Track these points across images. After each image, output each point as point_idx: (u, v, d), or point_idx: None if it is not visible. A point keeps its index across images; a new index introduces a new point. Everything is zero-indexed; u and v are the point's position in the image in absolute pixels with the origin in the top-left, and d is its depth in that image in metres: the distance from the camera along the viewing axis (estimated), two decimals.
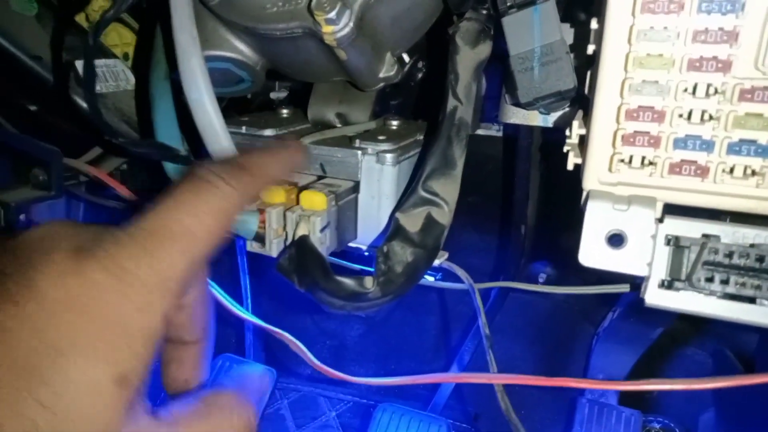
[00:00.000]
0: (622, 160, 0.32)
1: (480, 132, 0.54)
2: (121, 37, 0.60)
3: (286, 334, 0.42)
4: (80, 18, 0.57)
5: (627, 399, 0.66)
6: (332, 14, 0.36)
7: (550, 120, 0.46)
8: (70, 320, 0.21)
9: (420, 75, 0.55)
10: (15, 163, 0.50)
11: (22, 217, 0.48)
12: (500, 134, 0.53)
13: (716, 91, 0.29)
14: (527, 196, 0.54)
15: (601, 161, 0.32)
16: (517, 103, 0.42)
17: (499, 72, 0.52)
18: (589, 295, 0.52)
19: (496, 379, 0.37)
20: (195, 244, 0.24)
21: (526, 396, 0.76)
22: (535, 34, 0.39)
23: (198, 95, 0.37)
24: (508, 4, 0.39)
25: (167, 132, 0.43)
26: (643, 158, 0.32)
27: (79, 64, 0.53)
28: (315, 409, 0.85)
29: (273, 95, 0.60)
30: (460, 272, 0.42)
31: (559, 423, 0.69)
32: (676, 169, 0.31)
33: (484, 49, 0.43)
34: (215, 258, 0.27)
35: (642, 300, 0.33)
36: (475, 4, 0.43)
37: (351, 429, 0.83)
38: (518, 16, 0.39)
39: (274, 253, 0.39)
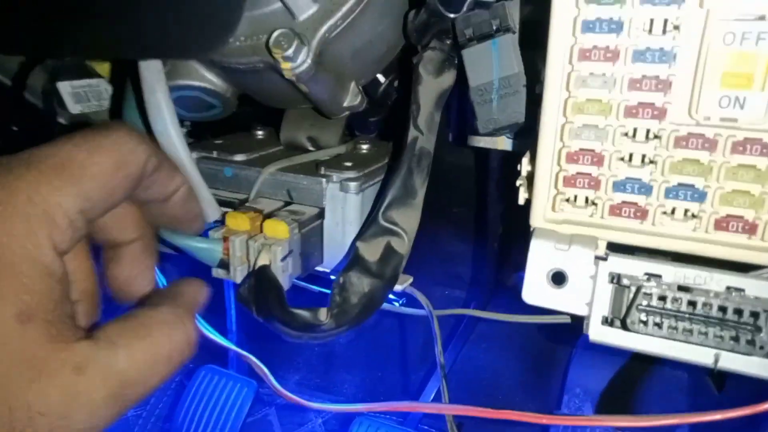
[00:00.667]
0: (566, 200, 0.33)
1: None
2: None
3: (252, 357, 0.43)
4: None
5: (604, 412, 0.67)
6: (289, 52, 0.37)
7: (517, 145, 0.46)
8: None
9: (395, 95, 0.56)
10: None
11: None
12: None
13: (654, 136, 0.30)
14: (499, 215, 0.55)
15: (546, 200, 0.33)
16: (476, 132, 0.43)
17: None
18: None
19: (446, 409, 0.38)
20: (86, 178, 0.24)
21: (508, 406, 0.76)
22: (494, 66, 0.40)
23: (163, 127, 0.39)
24: (467, 36, 0.40)
25: None
26: (586, 198, 0.32)
27: (61, 86, 0.54)
28: (302, 416, 0.87)
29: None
30: (422, 299, 0.43)
31: None
32: (616, 210, 0.32)
33: (448, 78, 0.43)
34: None
35: (586, 336, 0.33)
36: (438, 34, 0.43)
37: None
38: (478, 49, 0.40)
39: (238, 280, 0.40)
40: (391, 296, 0.46)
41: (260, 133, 0.54)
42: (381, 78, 0.50)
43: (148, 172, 0.27)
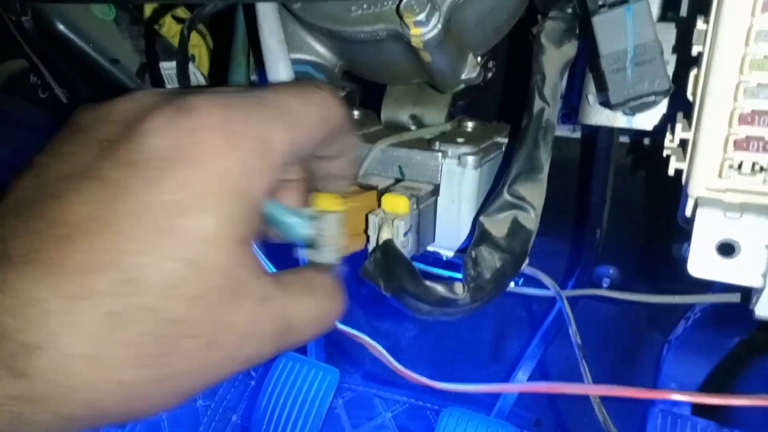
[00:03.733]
0: (732, 166, 0.31)
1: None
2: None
3: (367, 338, 0.42)
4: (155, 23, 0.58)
5: (701, 410, 0.64)
6: (421, 16, 0.36)
7: (634, 122, 0.44)
8: (186, 177, 0.22)
9: (490, 75, 0.54)
10: None
11: None
12: (577, 135, 0.52)
13: None
14: (605, 199, 0.53)
15: (710, 167, 0.31)
16: (605, 103, 0.41)
17: (573, 72, 0.51)
18: (659, 302, 0.50)
19: (593, 390, 0.36)
20: (299, 126, 0.25)
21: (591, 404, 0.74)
22: (629, 33, 0.38)
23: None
24: (600, 3, 0.38)
25: None
26: (753, 164, 0.30)
27: (163, 66, 0.54)
28: (370, 410, 0.85)
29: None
30: (546, 279, 0.41)
31: None
32: None
33: (570, 49, 0.41)
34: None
35: (751, 312, 0.31)
36: (561, 3, 0.41)
37: (407, 430, 0.82)
38: (610, 15, 0.38)
39: (328, 260, 0.36)
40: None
41: (356, 112, 0.53)
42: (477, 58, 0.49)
43: (342, 130, 0.29)
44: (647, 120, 0.43)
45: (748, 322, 0.64)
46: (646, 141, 0.54)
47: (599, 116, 0.45)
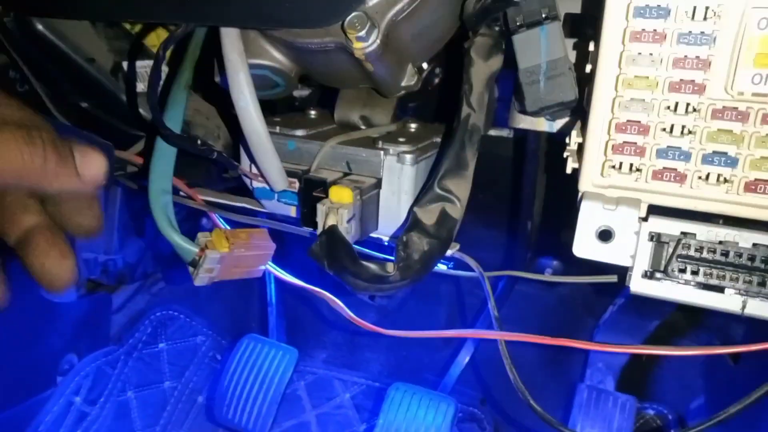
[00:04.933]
0: (613, 167, 0.37)
1: (492, 133, 0.59)
2: (159, 39, 0.66)
3: (326, 293, 0.47)
4: (128, 24, 0.63)
5: (624, 386, 0.71)
6: (362, 32, 0.41)
7: (555, 126, 0.51)
8: None
9: (436, 80, 0.60)
10: None
11: None
12: (511, 136, 0.58)
13: (693, 110, 0.34)
14: (534, 194, 0.59)
15: (595, 167, 0.37)
16: (524, 111, 0.47)
17: (511, 78, 0.57)
18: (591, 289, 0.57)
19: (507, 336, 0.42)
20: None
21: (530, 381, 0.81)
22: (542, 50, 0.44)
23: (245, 104, 0.43)
24: (518, 23, 0.44)
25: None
26: (631, 165, 0.37)
27: (139, 65, 0.59)
28: (330, 391, 0.91)
29: (296, 93, 0.66)
30: (471, 262, 0.47)
31: (560, 407, 0.74)
32: (658, 175, 0.36)
33: (496, 62, 0.47)
34: None
35: (627, 288, 0.38)
36: (488, 21, 0.47)
37: (364, 410, 0.88)
38: (527, 35, 0.44)
39: (197, 283, 0.44)
40: (442, 262, 0.51)
41: (313, 112, 0.58)
42: (424, 65, 0.55)
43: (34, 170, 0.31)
44: (566, 126, 0.50)
45: (666, 305, 0.72)
46: None
47: (525, 121, 0.52)
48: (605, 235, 0.37)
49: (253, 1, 0.39)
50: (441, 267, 0.54)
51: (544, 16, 0.43)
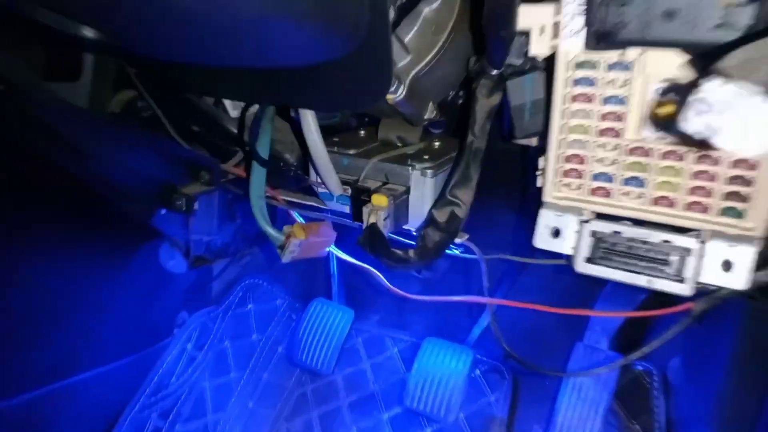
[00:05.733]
0: (563, 185, 0.53)
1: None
2: None
3: (371, 267, 0.67)
4: None
5: (617, 347, 0.86)
6: (392, 88, 0.59)
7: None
8: None
9: (460, 101, 0.77)
10: (189, 168, 0.77)
11: (196, 204, 0.75)
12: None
13: (615, 147, 0.50)
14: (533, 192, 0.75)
15: (551, 185, 0.54)
16: (512, 137, 0.63)
17: None
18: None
19: (495, 301, 0.59)
20: None
21: (548, 340, 0.97)
22: (527, 93, 0.60)
23: (312, 137, 0.62)
24: (510, 72, 0.60)
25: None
26: (575, 185, 0.53)
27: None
28: (381, 346, 1.11)
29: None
30: (474, 248, 0.65)
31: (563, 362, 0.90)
32: (593, 192, 0.52)
33: (496, 99, 0.63)
34: None
35: (573, 268, 0.54)
36: (489, 69, 0.63)
37: (408, 361, 1.08)
38: (517, 81, 0.60)
39: (284, 260, 0.64)
40: (454, 248, 0.69)
41: (362, 132, 0.77)
42: (451, 92, 0.71)
43: None
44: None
45: None
46: None
47: (523, 139, 0.68)
48: (556, 233, 0.53)
49: (317, 92, 0.57)
50: (455, 251, 0.71)
51: (529, 66, 0.59)
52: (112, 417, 0.94)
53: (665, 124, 0.47)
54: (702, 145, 0.34)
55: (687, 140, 0.41)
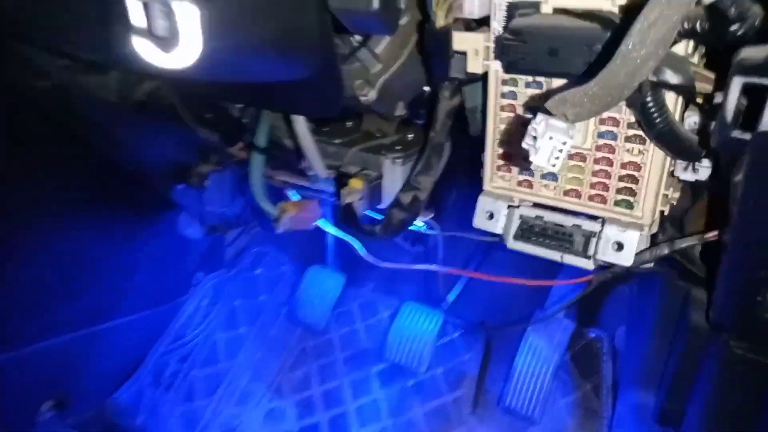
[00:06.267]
0: (499, 177, 0.65)
1: None
2: None
3: (351, 239, 0.80)
4: None
5: (575, 317, 0.98)
6: (364, 91, 0.70)
7: None
8: None
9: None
10: (202, 150, 0.91)
11: (207, 181, 0.89)
12: None
13: None
14: None
15: (488, 177, 0.66)
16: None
17: None
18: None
19: (454, 271, 0.72)
20: None
21: (511, 309, 1.09)
22: (479, 98, 0.71)
23: (302, 130, 0.75)
24: (468, 79, 0.71)
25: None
26: (505, 177, 0.64)
27: None
28: (374, 309, 1.25)
29: None
30: (435, 225, 0.77)
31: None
32: (520, 183, 0.64)
33: (456, 101, 0.74)
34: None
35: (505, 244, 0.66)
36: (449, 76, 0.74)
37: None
38: (471, 87, 0.71)
39: (278, 231, 0.77)
40: (420, 223, 0.81)
41: (349, 123, 0.89)
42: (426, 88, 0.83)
43: None
44: None
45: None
46: None
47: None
48: (490, 216, 0.65)
49: (287, 101, 0.69)
50: (421, 228, 0.84)
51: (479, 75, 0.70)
52: (137, 359, 1.11)
53: None
54: None
55: None
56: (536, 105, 0.56)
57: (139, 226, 1.04)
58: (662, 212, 0.60)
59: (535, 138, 0.44)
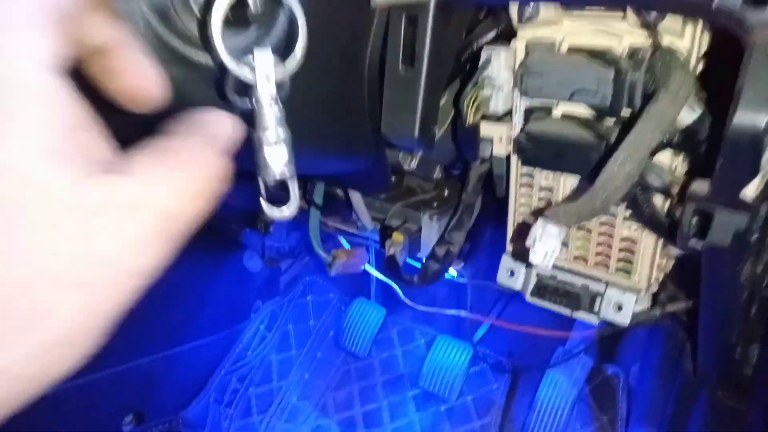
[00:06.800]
0: (519, 241, 0.77)
1: None
2: None
3: (392, 282, 0.92)
4: None
5: (594, 353, 1.07)
6: (406, 161, 0.84)
7: None
8: None
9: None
10: None
11: (271, 227, 1.04)
12: None
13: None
14: None
15: (511, 240, 0.78)
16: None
17: None
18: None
19: (492, 320, 0.84)
20: None
21: (537, 347, 1.20)
22: (504, 167, 0.83)
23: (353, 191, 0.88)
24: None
25: (318, 200, 0.95)
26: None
27: None
28: (411, 337, 1.38)
29: None
30: (465, 274, 0.89)
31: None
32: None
33: (485, 167, 0.87)
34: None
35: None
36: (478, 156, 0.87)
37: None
38: (498, 157, 0.83)
39: (331, 274, 0.90)
40: (453, 272, 0.93)
41: (394, 178, 1.02)
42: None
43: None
44: None
45: None
46: None
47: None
48: (511, 274, 0.77)
49: (347, 182, 0.83)
50: (452, 274, 0.96)
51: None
52: (204, 379, 1.27)
53: None
54: None
55: None
56: (541, 208, 0.67)
57: (209, 261, 1.20)
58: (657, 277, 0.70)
59: (534, 240, 0.55)
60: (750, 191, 0.42)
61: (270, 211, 0.37)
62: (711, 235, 0.45)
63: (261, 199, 0.36)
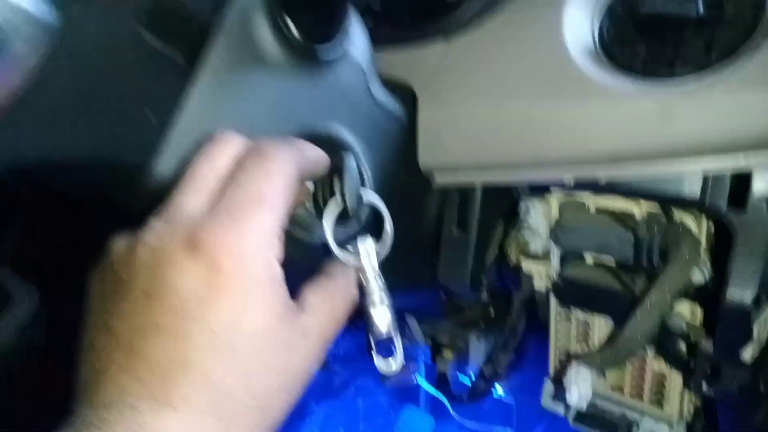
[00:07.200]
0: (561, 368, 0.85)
1: None
2: None
3: (442, 397, 1.00)
4: None
5: None
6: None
7: None
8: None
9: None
10: None
11: None
12: None
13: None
14: None
15: (552, 366, 0.85)
16: None
17: None
18: None
19: None
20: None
21: None
22: None
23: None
24: None
25: None
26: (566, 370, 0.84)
27: None
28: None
29: None
30: (508, 392, 0.96)
31: None
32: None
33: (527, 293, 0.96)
34: None
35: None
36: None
37: None
38: None
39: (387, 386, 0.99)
40: (500, 390, 1.01)
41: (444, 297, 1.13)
42: None
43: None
44: None
45: None
46: None
47: None
48: (561, 395, 0.84)
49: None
50: (499, 394, 1.03)
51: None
52: None
53: None
54: None
55: None
56: (576, 354, 0.76)
57: None
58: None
59: (569, 384, 0.64)
60: (747, 354, 0.50)
61: (380, 363, 0.47)
62: (720, 384, 0.53)
63: (372, 353, 0.46)
